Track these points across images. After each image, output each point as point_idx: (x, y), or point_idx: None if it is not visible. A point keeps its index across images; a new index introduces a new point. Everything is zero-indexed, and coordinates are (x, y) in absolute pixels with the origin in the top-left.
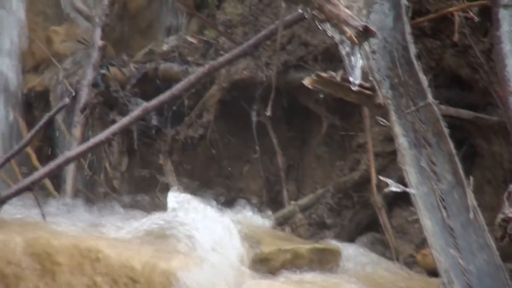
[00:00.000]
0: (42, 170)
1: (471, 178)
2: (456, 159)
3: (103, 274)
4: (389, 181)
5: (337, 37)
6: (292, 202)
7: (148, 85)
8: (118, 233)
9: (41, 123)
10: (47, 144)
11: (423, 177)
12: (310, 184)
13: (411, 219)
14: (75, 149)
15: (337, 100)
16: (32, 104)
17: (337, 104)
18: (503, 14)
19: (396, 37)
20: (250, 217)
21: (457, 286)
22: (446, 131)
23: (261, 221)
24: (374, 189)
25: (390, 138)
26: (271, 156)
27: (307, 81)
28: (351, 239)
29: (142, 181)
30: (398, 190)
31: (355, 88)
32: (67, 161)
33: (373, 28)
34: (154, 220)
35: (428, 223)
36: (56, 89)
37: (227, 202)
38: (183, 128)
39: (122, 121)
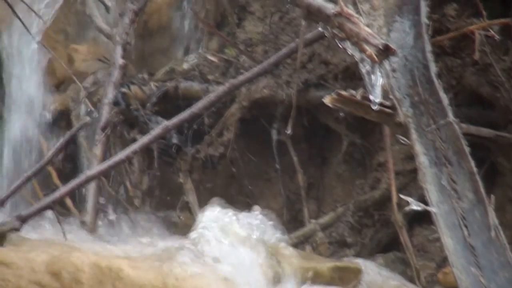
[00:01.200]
0: (63, 189)
1: (492, 197)
2: (477, 177)
3: None
4: (409, 199)
5: (357, 55)
6: (313, 221)
7: (169, 103)
8: (140, 251)
9: (62, 141)
10: (68, 162)
11: (444, 195)
12: (330, 203)
13: (432, 238)
14: (96, 168)
15: (357, 119)
16: (53, 122)
17: (357, 122)
18: None
19: (417, 55)
20: (270, 235)
21: None
22: (467, 149)
23: (281, 239)
24: (395, 207)
25: (410, 157)
26: (291, 174)
27: (327, 100)
28: (371, 257)
29: (162, 200)
30: (419, 208)
31: (375, 107)
32: (88, 180)
33: (393, 46)
34: (177, 239)
35: (449, 242)
36: (77, 107)
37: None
38: (204, 147)
39: (143, 140)
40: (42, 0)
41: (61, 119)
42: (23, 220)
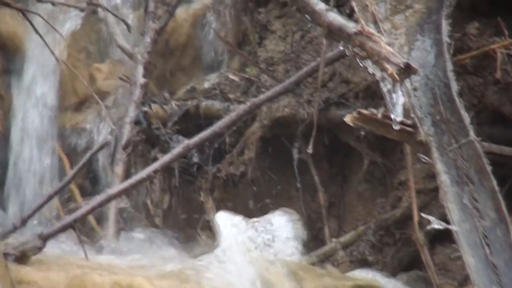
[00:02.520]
0: (85, 208)
1: None
2: (499, 196)
3: None
4: (431, 218)
5: (378, 74)
6: (334, 239)
7: (190, 122)
8: (160, 270)
9: (84, 160)
10: (89, 181)
11: (466, 214)
12: (351, 221)
13: (454, 256)
14: (117, 187)
15: (378, 137)
16: (75, 141)
17: (378, 141)
18: None
19: (438, 74)
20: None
21: None
22: (488, 168)
23: (301, 258)
24: (416, 226)
25: (432, 175)
26: (312, 193)
27: (348, 119)
28: (393, 276)
29: (183, 219)
30: (441, 227)
31: (396, 126)
32: (109, 199)
33: (414, 65)
34: (198, 257)
35: (471, 260)
36: (99, 126)
37: None
38: (225, 166)
39: (164, 159)
40: (64, 19)
41: (83, 138)
42: (45, 239)
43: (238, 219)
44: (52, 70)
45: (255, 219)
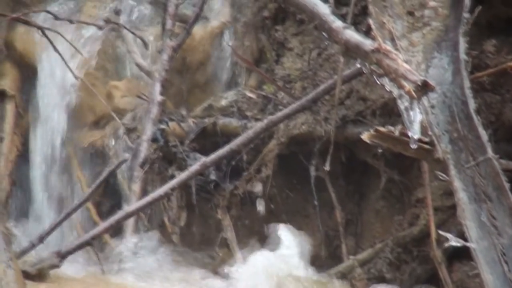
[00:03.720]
0: (102, 225)
1: None
2: None
3: None
4: (449, 235)
5: (395, 91)
6: (351, 257)
7: (207, 140)
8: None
9: (101, 178)
10: (107, 199)
11: (484, 231)
12: (369, 239)
13: (472, 274)
14: (135, 204)
15: (395, 155)
16: (93, 159)
17: (395, 158)
18: None
19: (456, 91)
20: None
21: None
22: (506, 185)
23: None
24: (434, 243)
25: (449, 193)
26: (329, 210)
27: (365, 136)
28: None
29: (200, 236)
30: (458, 244)
31: (414, 143)
32: (127, 216)
33: (432, 82)
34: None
35: (489, 278)
36: (116, 144)
37: None
38: (242, 183)
39: (181, 176)
40: (82, 36)
41: (100, 156)
42: (63, 256)
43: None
44: (69, 88)
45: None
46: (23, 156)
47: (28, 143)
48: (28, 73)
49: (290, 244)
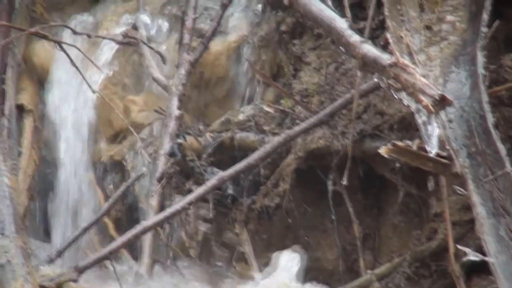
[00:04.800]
0: (120, 240)
1: None
2: None
3: None
4: (467, 250)
5: (413, 106)
6: (369, 271)
7: (224, 154)
8: None
9: (118, 192)
10: (125, 213)
11: (502, 246)
12: (386, 253)
13: None
14: (152, 219)
15: (413, 169)
16: (110, 173)
17: (413, 173)
18: None
19: (473, 106)
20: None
21: None
22: None
23: None
24: (452, 258)
25: (467, 207)
26: (347, 225)
27: (383, 150)
28: None
29: (218, 250)
30: (477, 259)
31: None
32: (144, 231)
33: (449, 97)
34: None
35: None
36: (134, 158)
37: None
38: (259, 198)
39: (198, 191)
40: (101, 51)
41: (118, 170)
42: (80, 271)
43: None
44: (87, 102)
45: None
46: (41, 170)
47: (46, 157)
48: (46, 87)
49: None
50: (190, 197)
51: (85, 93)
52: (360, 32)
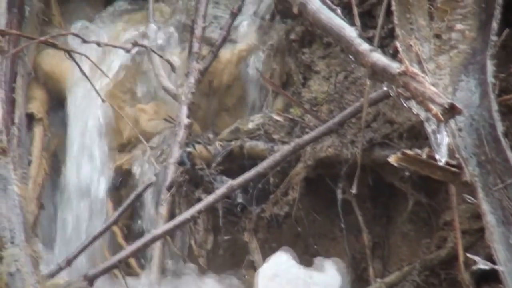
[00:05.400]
0: (129, 248)
1: None
2: None
3: None
4: (477, 258)
5: (422, 114)
6: (378, 280)
7: (234, 163)
8: None
9: (128, 201)
10: (134, 222)
11: None
12: (396, 262)
13: None
14: (162, 227)
15: (423, 178)
16: (119, 182)
17: (423, 181)
18: None
19: (483, 114)
20: None
21: None
22: None
23: None
24: (462, 266)
25: (477, 216)
26: (356, 233)
27: (392, 159)
28: None
29: (227, 259)
30: (486, 267)
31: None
32: (154, 239)
33: (459, 105)
34: None
35: None
36: (143, 167)
37: None
38: (269, 206)
39: (208, 199)
40: (110, 59)
41: (127, 179)
42: (90, 280)
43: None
44: (96, 111)
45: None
46: (50, 179)
47: (56, 165)
48: (55, 96)
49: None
50: (200, 206)
51: (95, 102)
52: (369, 40)
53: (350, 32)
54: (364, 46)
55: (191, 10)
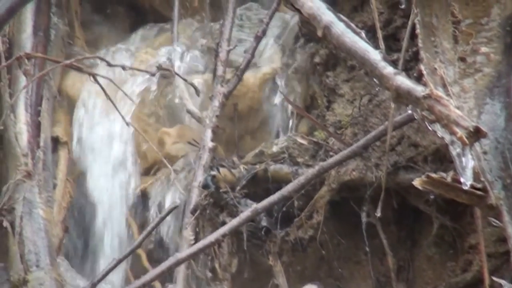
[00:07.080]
0: (153, 272)
1: None
2: None
3: None
4: (502, 281)
5: (447, 137)
6: None
7: (258, 186)
8: None
9: (152, 224)
10: (158, 245)
11: None
12: (421, 285)
13: None
14: (186, 251)
15: (448, 201)
16: (144, 206)
17: (447, 204)
18: None
19: (508, 137)
20: None
21: None
22: None
23: None
24: None
25: (503, 239)
26: (381, 257)
27: (417, 182)
28: None
29: (252, 282)
30: None
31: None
32: (178, 263)
33: (484, 128)
34: None
35: None
36: (168, 190)
37: None
38: (293, 229)
39: (232, 223)
40: (135, 83)
41: (152, 202)
42: None
43: None
44: (120, 134)
45: None
46: (76, 202)
47: (81, 188)
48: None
49: None
50: (224, 229)
51: (118, 125)
52: (394, 63)
53: (375, 55)
54: (388, 69)
55: (216, 33)
